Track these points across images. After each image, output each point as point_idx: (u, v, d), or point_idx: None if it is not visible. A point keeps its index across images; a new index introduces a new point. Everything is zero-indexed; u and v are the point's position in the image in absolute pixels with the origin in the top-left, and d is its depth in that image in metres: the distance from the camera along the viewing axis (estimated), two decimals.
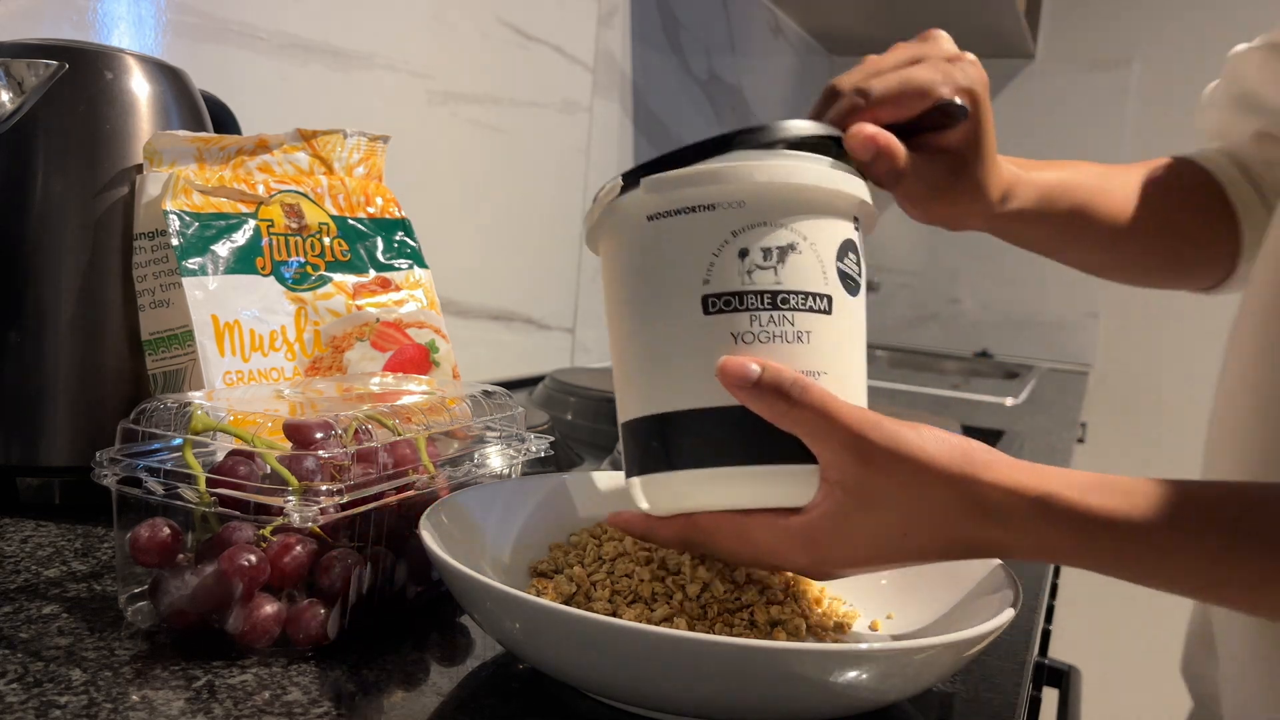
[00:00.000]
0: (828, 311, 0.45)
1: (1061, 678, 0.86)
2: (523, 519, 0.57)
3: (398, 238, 0.75)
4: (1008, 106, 2.49)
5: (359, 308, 0.70)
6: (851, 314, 0.46)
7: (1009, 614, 0.44)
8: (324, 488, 0.45)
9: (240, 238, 0.65)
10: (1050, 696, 0.82)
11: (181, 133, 0.65)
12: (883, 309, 2.64)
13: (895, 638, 0.52)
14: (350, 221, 0.72)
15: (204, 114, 0.70)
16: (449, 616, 0.53)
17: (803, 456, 0.44)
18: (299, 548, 0.46)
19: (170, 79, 0.67)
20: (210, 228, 0.64)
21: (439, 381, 0.67)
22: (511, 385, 1.29)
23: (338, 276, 0.70)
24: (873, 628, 0.53)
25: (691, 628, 0.49)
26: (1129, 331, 2.43)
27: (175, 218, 0.62)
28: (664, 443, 0.46)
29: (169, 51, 0.85)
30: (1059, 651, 0.91)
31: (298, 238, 0.68)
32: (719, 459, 0.45)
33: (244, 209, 0.66)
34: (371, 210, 0.74)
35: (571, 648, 0.40)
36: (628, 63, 1.63)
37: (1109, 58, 2.42)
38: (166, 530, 0.46)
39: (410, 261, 0.75)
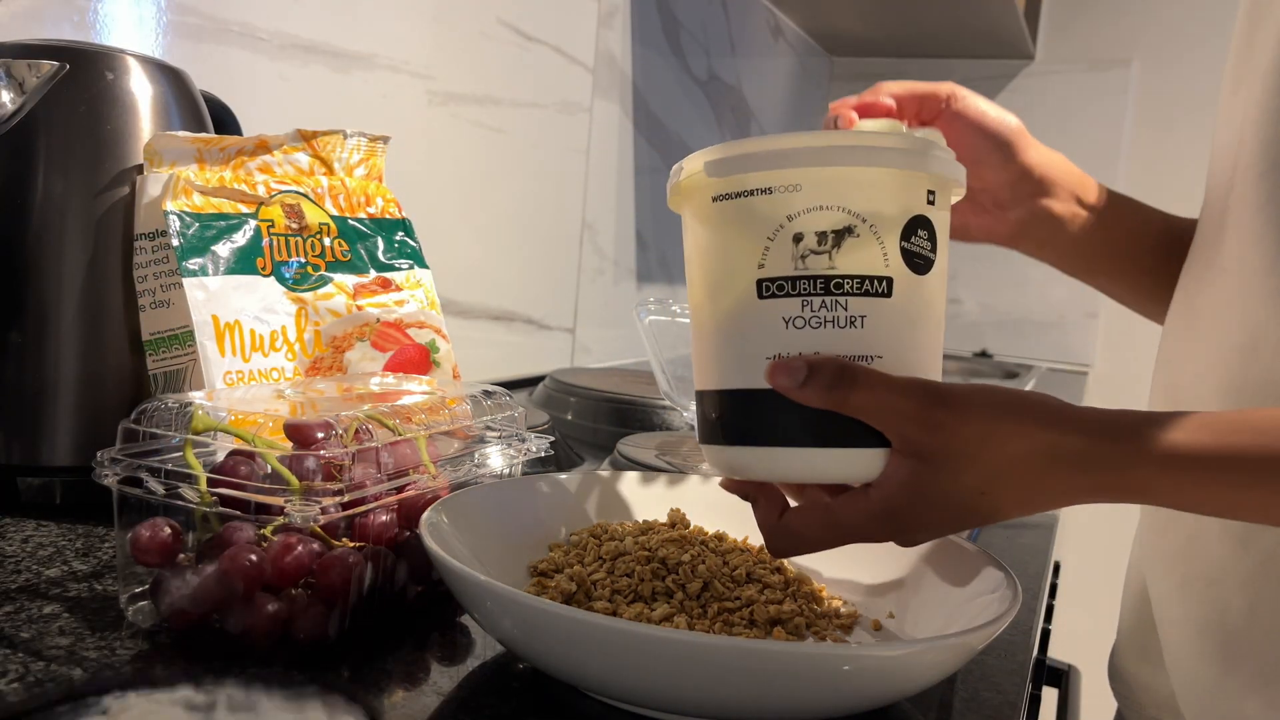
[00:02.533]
0: (887, 294, 0.45)
1: (1061, 677, 0.86)
2: (523, 519, 0.57)
3: (398, 238, 0.75)
4: (1007, 107, 2.48)
5: (359, 308, 0.70)
6: (918, 294, 0.46)
7: (1009, 614, 0.44)
8: (324, 487, 0.45)
9: (241, 238, 0.65)
10: (1050, 696, 0.82)
11: (182, 133, 0.65)
12: None
13: (895, 638, 0.52)
14: (351, 222, 0.72)
15: (204, 114, 0.70)
16: (449, 616, 0.53)
17: (866, 439, 0.44)
18: (300, 547, 0.46)
19: (171, 79, 0.67)
20: (211, 228, 0.64)
21: (439, 381, 0.67)
22: (511, 385, 1.29)
23: (338, 277, 0.70)
24: (873, 627, 0.53)
25: (691, 626, 0.49)
26: (1128, 331, 2.43)
27: (176, 218, 0.62)
28: (720, 417, 0.47)
29: (170, 52, 0.85)
30: (1058, 651, 0.92)
31: (298, 238, 0.68)
32: (776, 440, 0.45)
33: (244, 209, 0.66)
34: (372, 210, 0.74)
35: (571, 647, 0.41)
36: (628, 63, 1.64)
37: (1109, 58, 2.42)
38: (167, 530, 0.46)
39: (411, 261, 0.75)
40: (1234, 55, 0.62)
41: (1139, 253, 0.71)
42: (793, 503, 0.50)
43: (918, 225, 0.46)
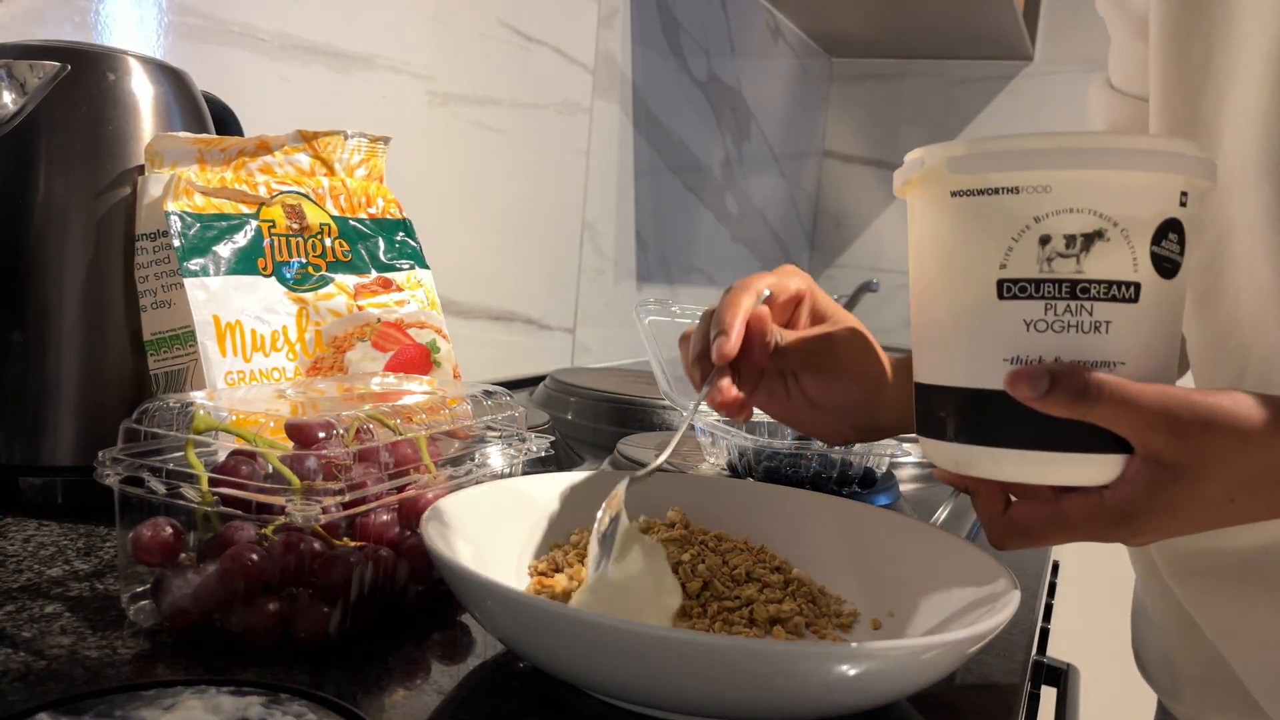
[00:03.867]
0: (1133, 300, 0.43)
1: (1060, 676, 0.86)
2: (523, 519, 0.57)
3: (399, 238, 0.75)
4: (1005, 108, 2.50)
5: (360, 308, 0.70)
6: (1164, 299, 0.44)
7: (1008, 613, 0.44)
8: (325, 487, 0.45)
9: (241, 238, 0.65)
10: (1049, 695, 0.82)
11: (183, 134, 0.65)
12: (882, 309, 2.64)
13: (895, 637, 0.52)
14: (351, 222, 0.72)
15: (205, 115, 0.70)
16: (450, 615, 0.53)
17: (1105, 445, 0.43)
18: (301, 547, 0.46)
19: (172, 80, 0.68)
20: (212, 228, 0.64)
21: (440, 381, 0.67)
22: (512, 385, 1.29)
23: (339, 277, 0.70)
24: (873, 626, 0.53)
25: (692, 626, 0.50)
26: None
27: (177, 218, 0.63)
28: (948, 415, 0.46)
29: (171, 53, 0.86)
30: (1057, 650, 0.92)
31: (299, 238, 0.68)
32: (1010, 442, 0.44)
33: (245, 210, 0.66)
34: (373, 211, 0.74)
35: (571, 647, 0.41)
36: (628, 64, 1.64)
37: (1107, 59, 2.42)
38: (169, 529, 0.47)
39: (411, 262, 0.75)
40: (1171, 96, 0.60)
41: None
42: (1013, 497, 0.48)
43: (1169, 228, 0.44)
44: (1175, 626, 0.69)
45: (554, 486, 0.60)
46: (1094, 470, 0.44)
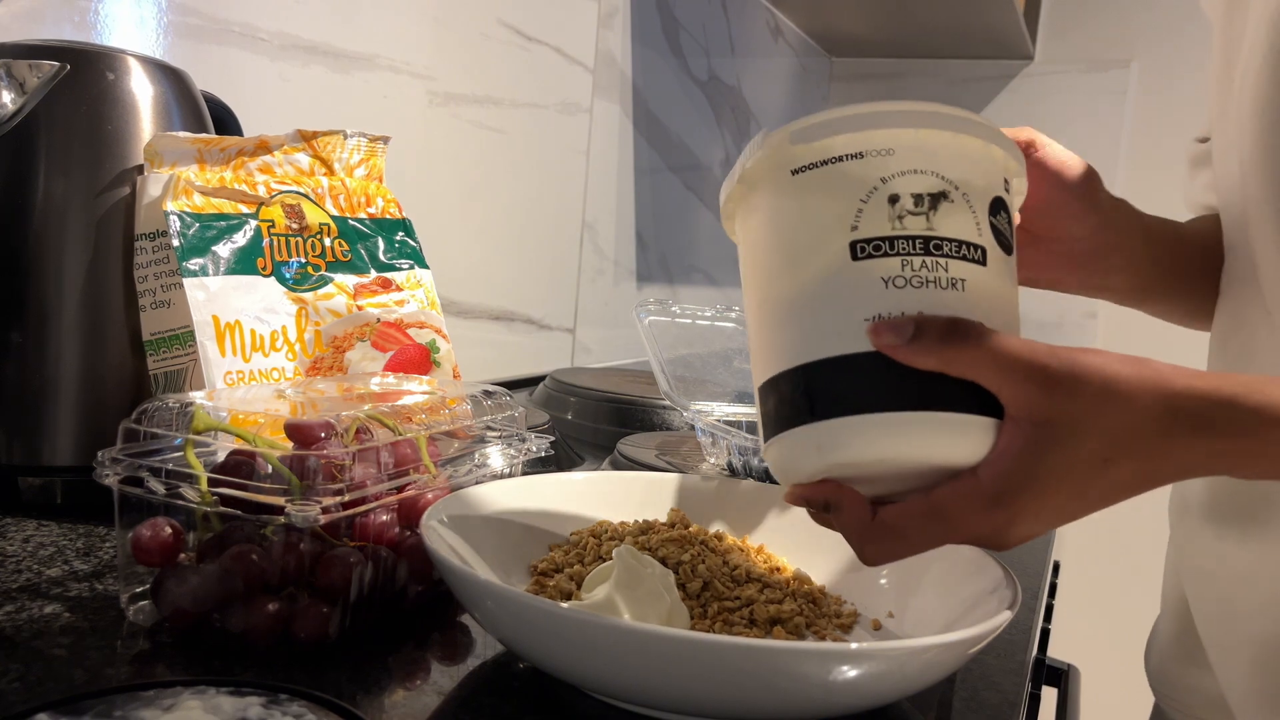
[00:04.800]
0: (982, 263, 0.43)
1: (1060, 676, 0.86)
2: (523, 519, 0.57)
3: (398, 238, 0.75)
4: (1006, 108, 2.49)
5: (360, 308, 0.70)
6: (1007, 270, 0.44)
7: (1008, 613, 0.44)
8: (325, 487, 0.45)
9: (241, 238, 0.65)
10: (1049, 695, 0.82)
11: (182, 134, 0.65)
12: None
13: (895, 637, 0.52)
14: (351, 222, 0.72)
15: (205, 115, 0.70)
16: (450, 616, 0.53)
17: (975, 405, 0.41)
18: (300, 547, 0.46)
19: (172, 80, 0.68)
20: (211, 228, 0.64)
21: (440, 381, 0.67)
22: (512, 385, 1.29)
23: (338, 277, 0.70)
24: (873, 627, 0.53)
25: (692, 626, 0.49)
26: (1128, 331, 2.42)
27: (176, 218, 0.63)
28: (809, 393, 0.43)
29: (170, 52, 0.85)
30: (1057, 650, 0.92)
31: (298, 238, 0.68)
32: (877, 404, 0.42)
33: (245, 210, 0.66)
34: (372, 211, 0.74)
35: (571, 647, 0.41)
36: (628, 64, 1.64)
37: (1108, 59, 2.43)
38: (168, 530, 0.47)
39: (411, 262, 0.75)
40: (1216, 83, 0.60)
41: (1184, 274, 0.68)
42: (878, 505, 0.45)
43: (1000, 206, 0.45)
44: (1172, 608, 0.69)
45: (554, 486, 0.60)
46: (965, 438, 0.42)
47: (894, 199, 0.43)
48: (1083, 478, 0.41)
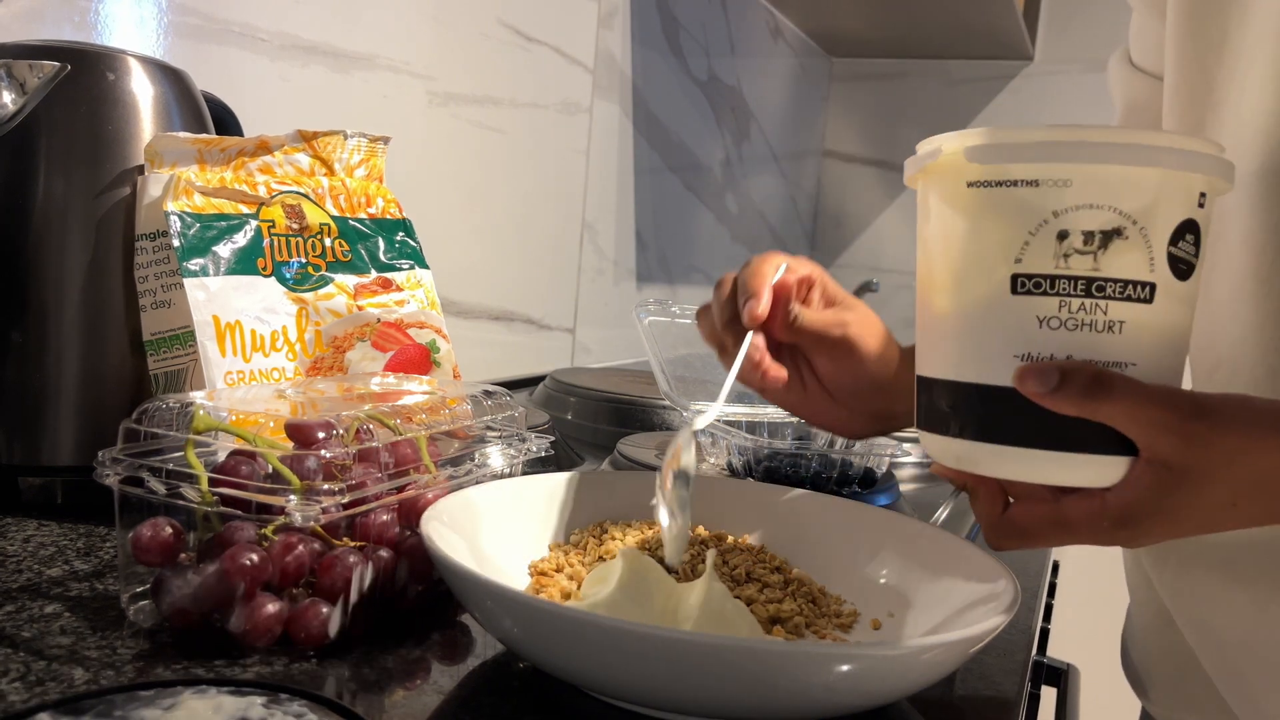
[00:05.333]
0: (1148, 301, 0.43)
1: (1060, 676, 0.86)
2: (523, 519, 0.57)
3: (399, 238, 0.75)
4: (1006, 108, 2.49)
5: (360, 308, 0.70)
6: (1177, 301, 0.44)
7: (1008, 613, 0.44)
8: (325, 487, 0.45)
9: (241, 238, 0.65)
10: (1049, 695, 0.82)
11: (183, 134, 0.65)
12: (883, 309, 2.63)
13: (895, 637, 0.52)
14: (351, 222, 0.72)
15: (205, 115, 0.70)
16: (450, 615, 0.53)
17: (1111, 446, 0.42)
18: (300, 547, 0.46)
19: (172, 80, 0.68)
20: (211, 228, 0.64)
21: (440, 381, 0.67)
22: (512, 385, 1.29)
23: (339, 277, 0.70)
24: (873, 627, 0.53)
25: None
26: None
27: (176, 219, 0.63)
28: (955, 410, 0.45)
29: (171, 53, 0.86)
30: (1057, 650, 0.92)
31: (299, 238, 0.68)
32: (1017, 439, 0.44)
33: (245, 210, 0.66)
34: (372, 211, 0.74)
35: (571, 647, 0.41)
36: (628, 64, 1.64)
37: (1108, 58, 2.43)
38: (168, 530, 0.47)
39: (411, 262, 0.75)
40: (1173, 74, 0.59)
41: None
42: (1011, 498, 0.48)
43: (1186, 229, 0.43)
44: (1152, 622, 0.69)
45: (554, 486, 0.60)
46: (1098, 472, 0.43)
47: (1063, 235, 0.42)
48: (1207, 515, 0.43)
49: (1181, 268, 0.43)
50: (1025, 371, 0.42)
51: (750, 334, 0.58)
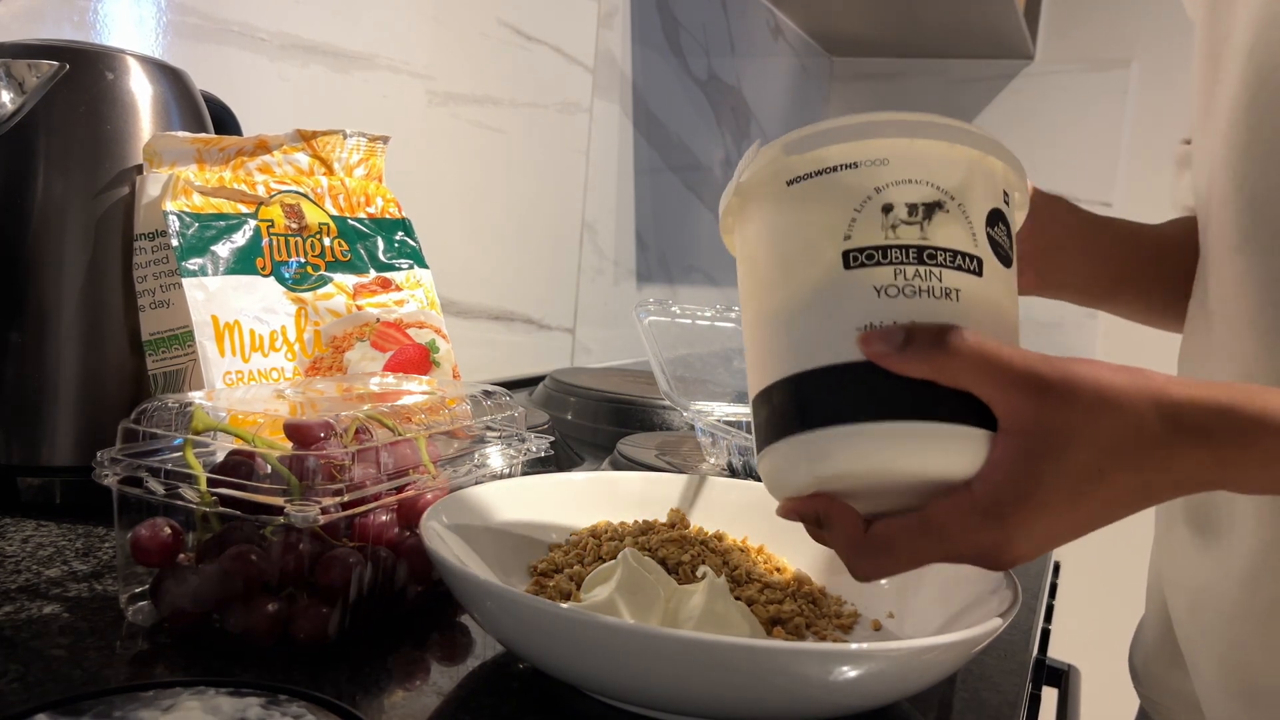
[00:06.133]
0: (978, 273, 0.43)
1: (1060, 677, 0.86)
2: (523, 519, 0.57)
3: (398, 238, 0.75)
4: (1007, 108, 2.49)
5: (359, 308, 0.70)
6: (1005, 283, 0.44)
7: (1009, 614, 0.44)
8: (325, 487, 0.45)
9: (240, 238, 0.65)
10: (1050, 696, 0.82)
11: (181, 134, 0.65)
12: None
13: (895, 638, 0.52)
14: (350, 222, 0.72)
15: (204, 115, 0.70)
16: (449, 616, 0.53)
17: (968, 416, 0.41)
18: (300, 547, 0.46)
19: (171, 80, 0.67)
20: (210, 228, 0.64)
21: (439, 381, 0.67)
22: (511, 385, 1.29)
23: (338, 277, 0.70)
24: (873, 627, 0.53)
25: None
26: (1128, 331, 2.42)
27: (175, 218, 0.62)
28: (800, 403, 0.43)
29: (170, 52, 0.85)
30: (1057, 650, 0.92)
31: (298, 238, 0.68)
32: (868, 414, 0.41)
33: (244, 209, 0.66)
34: (372, 210, 0.74)
35: (571, 647, 0.41)
36: (628, 64, 1.64)
37: (1108, 58, 2.43)
38: (167, 530, 0.46)
39: (410, 261, 0.75)
40: (1199, 82, 0.60)
41: (1140, 274, 0.67)
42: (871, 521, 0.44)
43: (998, 218, 0.44)
44: (1155, 609, 0.69)
45: (554, 486, 0.60)
46: (958, 450, 0.41)
47: (888, 208, 0.43)
48: (1077, 490, 0.39)
49: (1001, 252, 0.44)
50: (871, 335, 0.41)
51: None
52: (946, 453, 0.41)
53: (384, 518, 0.50)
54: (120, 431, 0.48)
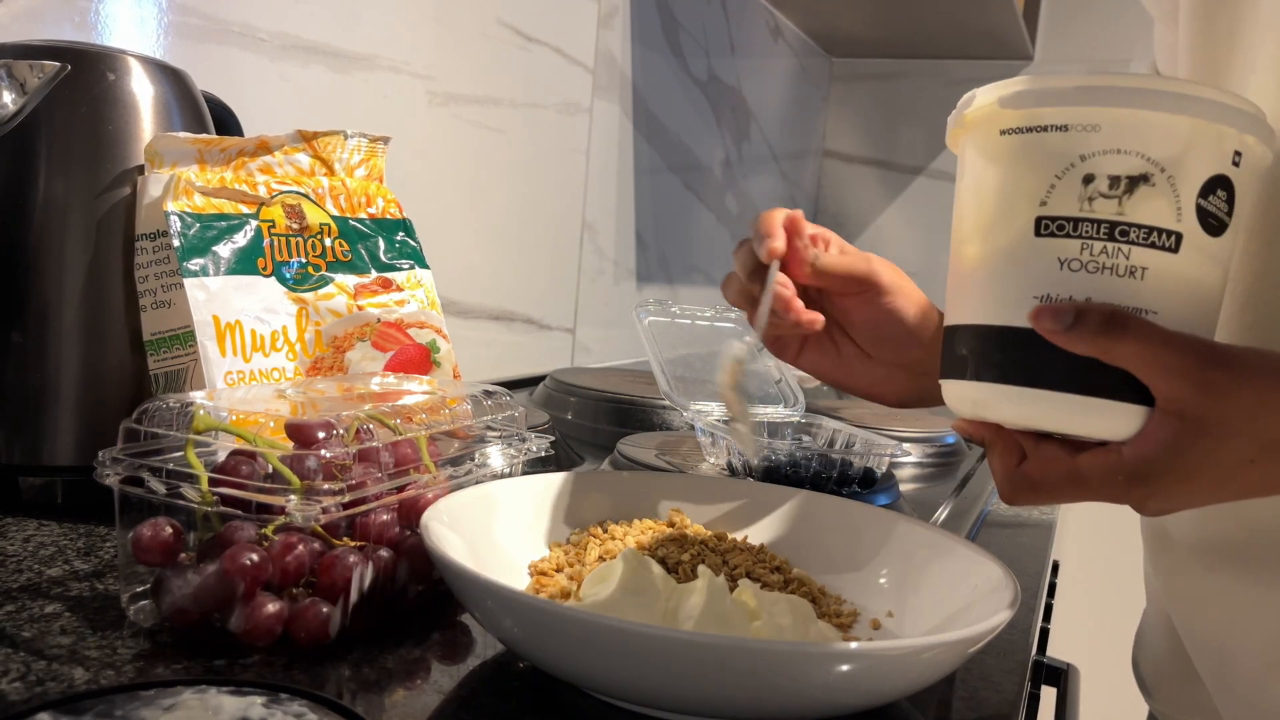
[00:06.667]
0: (1173, 250, 0.42)
1: (1059, 676, 0.86)
2: (523, 519, 0.57)
3: (399, 238, 0.75)
4: None
5: (360, 308, 0.70)
6: (1206, 255, 0.43)
7: (1008, 613, 0.44)
8: (325, 487, 0.45)
9: (241, 238, 0.65)
10: (1049, 695, 0.82)
11: (183, 134, 0.65)
12: None
13: (895, 637, 0.52)
14: (351, 222, 0.72)
15: (205, 115, 0.70)
16: (450, 615, 0.53)
17: (1128, 394, 0.42)
18: (301, 547, 0.46)
19: (172, 80, 0.68)
20: (211, 228, 0.64)
21: (440, 381, 0.67)
22: (512, 385, 1.29)
23: (339, 277, 0.70)
24: (872, 627, 0.53)
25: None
26: None
27: (176, 219, 0.63)
28: (973, 354, 0.46)
29: (171, 53, 0.86)
30: (1057, 650, 0.92)
31: (299, 238, 0.68)
32: (1030, 380, 0.43)
33: (245, 210, 0.66)
34: (372, 211, 0.74)
35: (571, 647, 0.41)
36: (628, 64, 1.64)
37: (1107, 59, 2.43)
38: (169, 529, 0.47)
39: (411, 262, 0.75)
40: (1192, 74, 0.60)
41: None
42: (1028, 454, 0.47)
43: (1218, 184, 0.43)
44: (1161, 621, 0.69)
45: (554, 486, 0.60)
46: (1113, 420, 0.43)
47: (1089, 179, 0.42)
48: (1226, 473, 0.41)
49: (1212, 223, 0.43)
50: (1041, 310, 0.42)
51: (774, 268, 0.58)
52: (1101, 422, 0.43)
53: (385, 517, 0.50)
54: (121, 431, 0.48)
